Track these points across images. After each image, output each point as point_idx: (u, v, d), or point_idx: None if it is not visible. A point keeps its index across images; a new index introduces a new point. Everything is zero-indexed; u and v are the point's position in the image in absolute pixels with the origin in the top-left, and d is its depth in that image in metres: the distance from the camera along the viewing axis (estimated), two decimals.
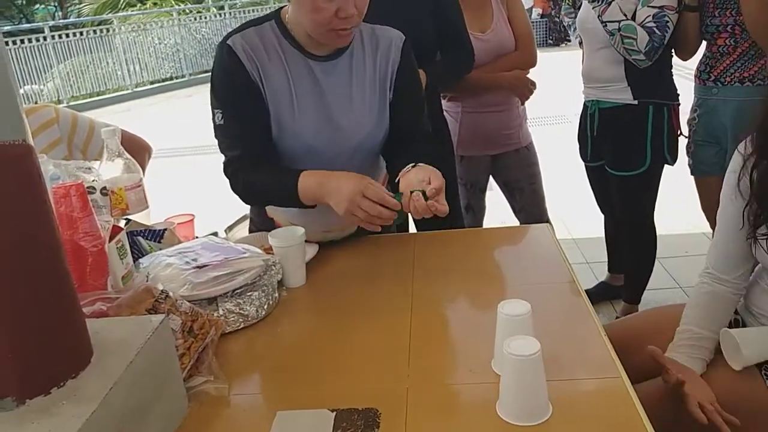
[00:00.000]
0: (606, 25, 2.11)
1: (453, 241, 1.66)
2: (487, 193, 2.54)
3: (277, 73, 1.39)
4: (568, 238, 3.47)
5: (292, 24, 1.40)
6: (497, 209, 2.74)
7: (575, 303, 1.25)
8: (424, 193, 1.24)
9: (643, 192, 2.36)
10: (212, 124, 1.44)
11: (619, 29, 2.08)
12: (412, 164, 1.34)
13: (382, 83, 1.47)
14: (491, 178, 2.52)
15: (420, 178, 1.28)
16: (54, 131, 1.76)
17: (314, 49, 1.41)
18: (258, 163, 1.42)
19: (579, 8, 2.42)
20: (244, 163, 1.42)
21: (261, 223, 1.64)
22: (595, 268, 3.08)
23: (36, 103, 9.37)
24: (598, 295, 2.75)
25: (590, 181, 2.61)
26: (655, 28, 2.06)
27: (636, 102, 2.20)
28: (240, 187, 1.45)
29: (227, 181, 1.47)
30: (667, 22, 2.08)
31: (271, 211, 1.61)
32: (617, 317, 2.60)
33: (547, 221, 2.60)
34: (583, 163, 2.61)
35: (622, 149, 2.30)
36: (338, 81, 1.43)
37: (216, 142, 1.47)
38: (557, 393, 0.94)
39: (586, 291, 1.52)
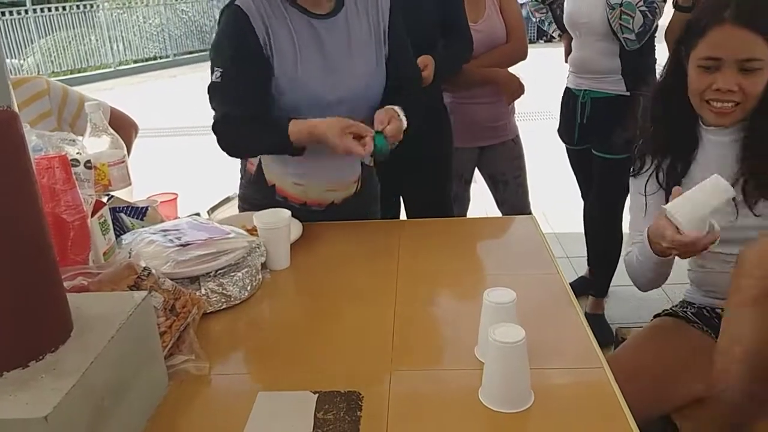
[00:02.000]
0: None
1: (438, 229, 1.66)
2: (472, 185, 2.55)
3: (282, 29, 1.46)
4: (549, 233, 3.47)
5: None
6: (481, 201, 2.74)
7: (558, 294, 1.26)
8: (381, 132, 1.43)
9: (624, 174, 2.42)
10: (209, 80, 1.50)
11: (621, 4, 2.10)
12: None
13: (377, 36, 1.56)
14: (476, 170, 2.52)
15: (381, 119, 1.45)
16: (44, 103, 1.73)
17: (312, 7, 1.49)
18: (247, 118, 1.49)
19: (550, 3, 2.48)
20: (234, 120, 1.50)
21: (258, 194, 1.63)
22: (575, 263, 3.10)
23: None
24: (578, 289, 2.76)
25: (573, 165, 2.65)
26: (647, 12, 2.10)
27: (629, 93, 2.26)
28: (228, 142, 1.53)
29: (215, 137, 1.53)
30: (656, 8, 2.12)
31: (270, 175, 1.61)
32: (586, 312, 2.62)
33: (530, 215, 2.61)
34: (566, 159, 2.65)
35: (613, 137, 2.33)
36: (337, 35, 1.51)
37: (206, 106, 1.52)
38: (539, 381, 0.95)
39: None
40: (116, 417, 0.85)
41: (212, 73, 1.49)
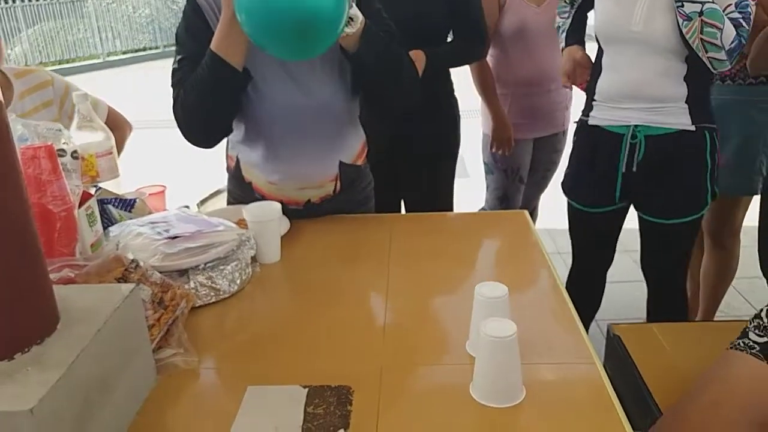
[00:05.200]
0: (683, 5, 1.54)
1: (430, 224, 1.65)
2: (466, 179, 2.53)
3: None
4: (540, 228, 3.48)
5: None
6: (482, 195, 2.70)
7: (550, 288, 1.26)
8: None
9: (693, 241, 1.85)
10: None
11: (701, 13, 1.52)
12: None
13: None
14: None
15: None
16: (48, 92, 1.83)
17: None
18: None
19: (577, 8, 1.94)
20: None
21: (238, 189, 1.61)
22: (566, 258, 3.11)
23: None
24: None
25: (594, 231, 1.97)
26: (741, 20, 1.55)
27: (694, 128, 1.67)
28: (183, 115, 1.39)
29: (177, 125, 1.41)
30: (750, 13, 1.57)
31: (247, 173, 1.58)
32: None
33: (533, 209, 2.61)
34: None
35: (680, 190, 1.74)
36: None
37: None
38: (531, 376, 0.95)
39: None
40: (104, 410, 0.83)
41: (175, 56, 1.44)
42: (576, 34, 1.95)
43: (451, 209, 2.26)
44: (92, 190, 1.39)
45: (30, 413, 0.68)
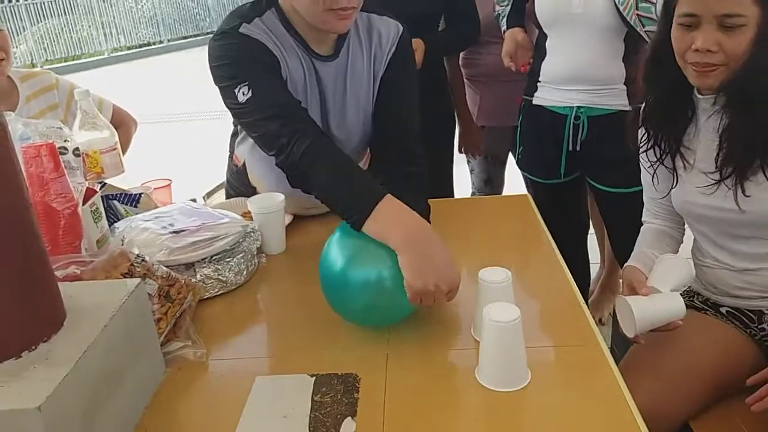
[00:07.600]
0: None
1: (433, 210, 1.64)
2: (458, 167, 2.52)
3: (295, 66, 1.28)
4: None
5: (292, 14, 1.25)
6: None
7: (554, 272, 1.25)
8: None
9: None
10: (230, 109, 1.25)
11: None
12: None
13: (374, 82, 1.38)
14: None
15: None
16: (53, 95, 1.87)
17: (316, 45, 1.29)
18: (324, 143, 1.18)
19: None
20: (308, 137, 1.16)
21: (240, 188, 1.61)
22: None
23: None
24: None
25: (555, 202, 1.96)
26: None
27: (630, 108, 1.72)
28: (301, 165, 1.16)
29: (284, 170, 1.20)
30: None
31: (253, 179, 1.57)
32: None
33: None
34: None
35: (628, 162, 1.67)
36: (335, 85, 1.35)
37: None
38: (536, 360, 0.95)
39: None
40: (113, 405, 0.85)
41: (234, 95, 1.19)
42: (516, 19, 1.97)
43: (452, 194, 2.26)
44: (97, 187, 1.40)
45: (38, 411, 0.69)
